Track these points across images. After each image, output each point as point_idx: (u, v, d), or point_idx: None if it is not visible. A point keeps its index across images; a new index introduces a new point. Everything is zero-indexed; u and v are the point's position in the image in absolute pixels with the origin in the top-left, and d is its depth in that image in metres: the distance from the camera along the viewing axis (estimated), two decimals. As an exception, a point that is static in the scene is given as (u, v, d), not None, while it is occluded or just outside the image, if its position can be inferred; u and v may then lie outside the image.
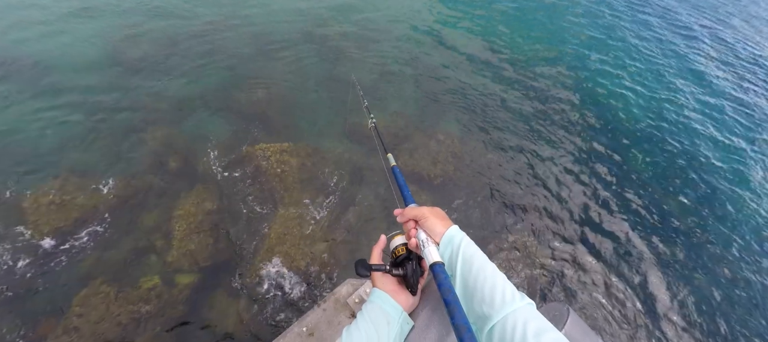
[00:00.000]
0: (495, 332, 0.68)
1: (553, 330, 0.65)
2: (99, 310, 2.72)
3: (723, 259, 4.11)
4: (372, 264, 0.93)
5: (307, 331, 1.93)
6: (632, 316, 3.43)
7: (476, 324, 0.73)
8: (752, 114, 6.52)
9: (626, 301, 3.52)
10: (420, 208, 0.92)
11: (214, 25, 5.94)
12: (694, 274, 3.90)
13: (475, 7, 8.28)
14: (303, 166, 3.98)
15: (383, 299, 0.89)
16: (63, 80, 4.47)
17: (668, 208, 4.52)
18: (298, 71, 5.34)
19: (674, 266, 3.92)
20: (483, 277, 0.75)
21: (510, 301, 0.70)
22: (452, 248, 0.83)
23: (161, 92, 4.58)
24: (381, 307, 0.87)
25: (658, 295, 3.64)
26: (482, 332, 0.71)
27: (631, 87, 6.52)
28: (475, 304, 0.74)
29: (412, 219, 0.92)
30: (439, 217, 0.90)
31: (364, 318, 0.85)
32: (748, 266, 4.08)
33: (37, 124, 3.93)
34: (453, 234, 0.85)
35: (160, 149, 3.91)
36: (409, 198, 1.05)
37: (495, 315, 0.69)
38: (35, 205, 3.18)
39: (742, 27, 10.36)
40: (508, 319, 0.67)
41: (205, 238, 3.26)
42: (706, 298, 3.71)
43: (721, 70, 7.69)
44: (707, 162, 5.28)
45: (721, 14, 10.90)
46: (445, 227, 0.87)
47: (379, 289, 0.91)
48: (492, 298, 0.71)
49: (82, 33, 5.27)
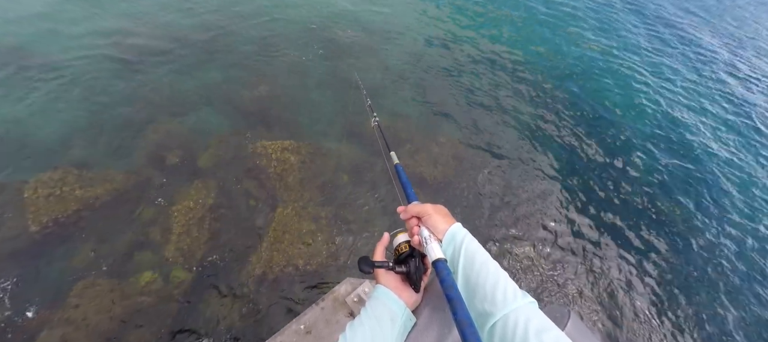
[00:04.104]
0: (496, 330, 0.68)
1: (555, 329, 0.64)
2: (95, 302, 2.71)
3: (735, 272, 4.11)
4: (375, 261, 0.93)
5: (304, 328, 1.92)
6: (633, 318, 3.42)
7: (477, 321, 0.73)
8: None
9: (628, 304, 3.51)
10: (423, 206, 0.93)
11: (218, 21, 5.95)
12: (696, 281, 3.90)
13: (482, 13, 8.30)
14: (303, 164, 3.98)
15: (387, 296, 0.89)
16: (66, 73, 4.47)
17: (672, 215, 4.52)
18: (301, 70, 5.34)
19: (677, 272, 3.92)
20: (485, 274, 0.75)
21: (511, 299, 0.70)
22: (455, 245, 0.83)
23: (163, 87, 4.58)
24: (385, 303, 0.87)
25: (660, 297, 3.63)
26: (483, 329, 0.71)
27: (642, 97, 6.53)
28: (477, 301, 0.74)
29: (415, 216, 0.93)
30: (441, 214, 0.90)
31: (368, 314, 0.85)
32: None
33: (39, 115, 3.92)
34: (455, 231, 0.86)
35: (160, 144, 3.90)
36: (412, 195, 1.05)
37: (496, 312, 0.69)
38: (35, 196, 3.17)
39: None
40: (509, 317, 0.67)
41: (204, 234, 3.25)
42: (712, 303, 3.71)
43: (754, 101, 7.71)
44: (722, 176, 5.28)
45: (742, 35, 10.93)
46: (447, 224, 0.87)
47: (383, 286, 0.91)
48: (494, 296, 0.71)
49: (85, 26, 5.27)
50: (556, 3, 9.47)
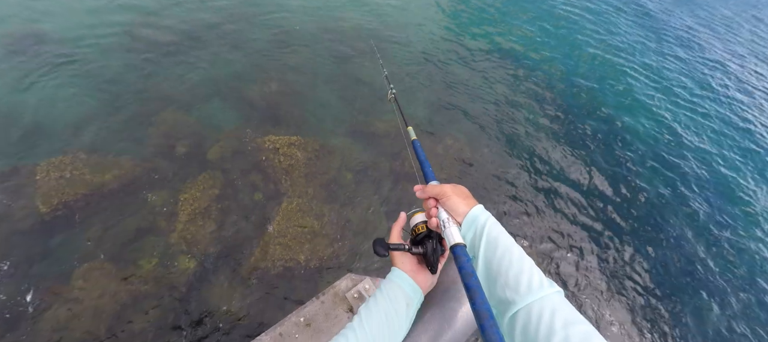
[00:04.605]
0: (518, 319, 0.63)
1: (584, 322, 0.58)
2: (99, 285, 2.76)
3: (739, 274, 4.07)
4: (390, 243, 0.88)
5: (304, 321, 1.94)
6: (635, 319, 3.40)
7: (497, 308, 0.68)
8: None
9: (628, 307, 3.49)
10: (442, 186, 0.86)
11: (231, 16, 6.02)
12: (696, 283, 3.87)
13: (493, 16, 8.30)
14: (310, 160, 4.01)
15: (403, 279, 0.86)
16: (81, 61, 4.55)
17: (675, 219, 4.48)
18: (311, 67, 5.39)
19: (677, 271, 3.89)
20: (508, 260, 0.69)
21: (537, 287, 0.64)
22: (476, 229, 0.77)
23: (175, 79, 4.64)
24: (400, 286, 0.84)
25: (662, 299, 3.61)
26: (503, 317, 0.66)
27: (656, 106, 6.49)
28: (498, 288, 0.68)
29: (432, 197, 0.87)
30: (461, 195, 0.84)
31: (384, 295, 0.82)
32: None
33: (52, 100, 4.00)
34: (477, 214, 0.79)
35: (169, 134, 3.96)
36: (431, 174, 0.98)
37: (519, 301, 0.63)
38: (46, 178, 3.24)
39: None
40: (533, 307, 0.61)
41: (209, 224, 3.29)
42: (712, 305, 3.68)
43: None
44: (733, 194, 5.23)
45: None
46: (468, 207, 0.81)
47: (399, 269, 0.88)
48: (517, 284, 0.65)
49: (103, 18, 5.37)
50: (574, 5, 9.45)
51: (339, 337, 0.75)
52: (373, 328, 0.76)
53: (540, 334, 0.58)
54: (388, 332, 0.78)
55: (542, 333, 0.57)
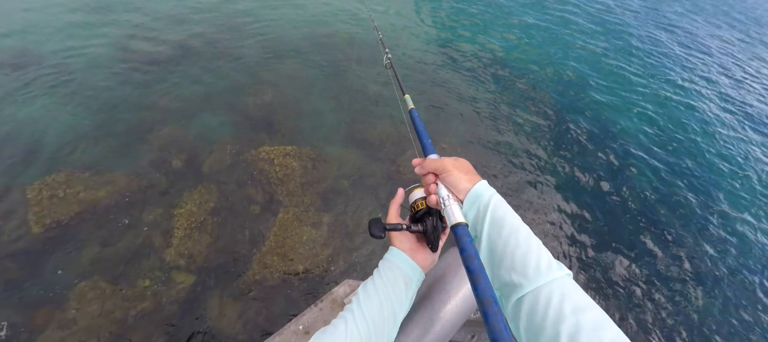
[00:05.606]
0: (524, 303, 0.58)
1: (596, 308, 0.54)
2: (96, 304, 2.71)
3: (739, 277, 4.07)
4: (387, 224, 0.83)
5: (303, 329, 1.91)
6: (635, 321, 3.39)
7: (500, 291, 0.64)
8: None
9: (630, 309, 3.48)
10: (442, 160, 0.80)
11: (224, 29, 6.06)
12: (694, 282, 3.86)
13: (488, 20, 8.41)
14: (305, 169, 4.00)
15: (401, 259, 0.81)
16: (72, 77, 4.56)
17: (674, 220, 4.49)
18: (305, 78, 5.41)
19: (678, 269, 3.89)
20: (514, 241, 0.64)
21: (545, 270, 0.59)
22: (479, 207, 0.71)
23: (168, 92, 4.65)
24: (399, 266, 0.80)
25: (662, 300, 3.60)
26: (508, 301, 0.61)
27: (651, 111, 6.55)
28: (503, 271, 0.63)
29: (431, 172, 0.81)
30: (463, 170, 0.77)
31: (381, 276, 0.78)
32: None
33: (46, 117, 3.99)
34: (480, 191, 0.73)
35: (164, 148, 3.95)
36: (429, 147, 0.91)
37: (526, 285, 0.59)
38: (39, 197, 3.21)
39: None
40: (542, 291, 0.57)
41: (205, 238, 3.26)
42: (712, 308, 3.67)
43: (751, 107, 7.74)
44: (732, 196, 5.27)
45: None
46: (470, 183, 0.75)
47: (397, 249, 0.83)
48: (524, 266, 0.60)
49: (93, 31, 5.39)
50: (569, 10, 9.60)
51: (337, 321, 0.72)
52: (372, 310, 0.73)
53: (548, 319, 0.53)
54: (387, 313, 0.74)
55: (551, 318, 0.53)
